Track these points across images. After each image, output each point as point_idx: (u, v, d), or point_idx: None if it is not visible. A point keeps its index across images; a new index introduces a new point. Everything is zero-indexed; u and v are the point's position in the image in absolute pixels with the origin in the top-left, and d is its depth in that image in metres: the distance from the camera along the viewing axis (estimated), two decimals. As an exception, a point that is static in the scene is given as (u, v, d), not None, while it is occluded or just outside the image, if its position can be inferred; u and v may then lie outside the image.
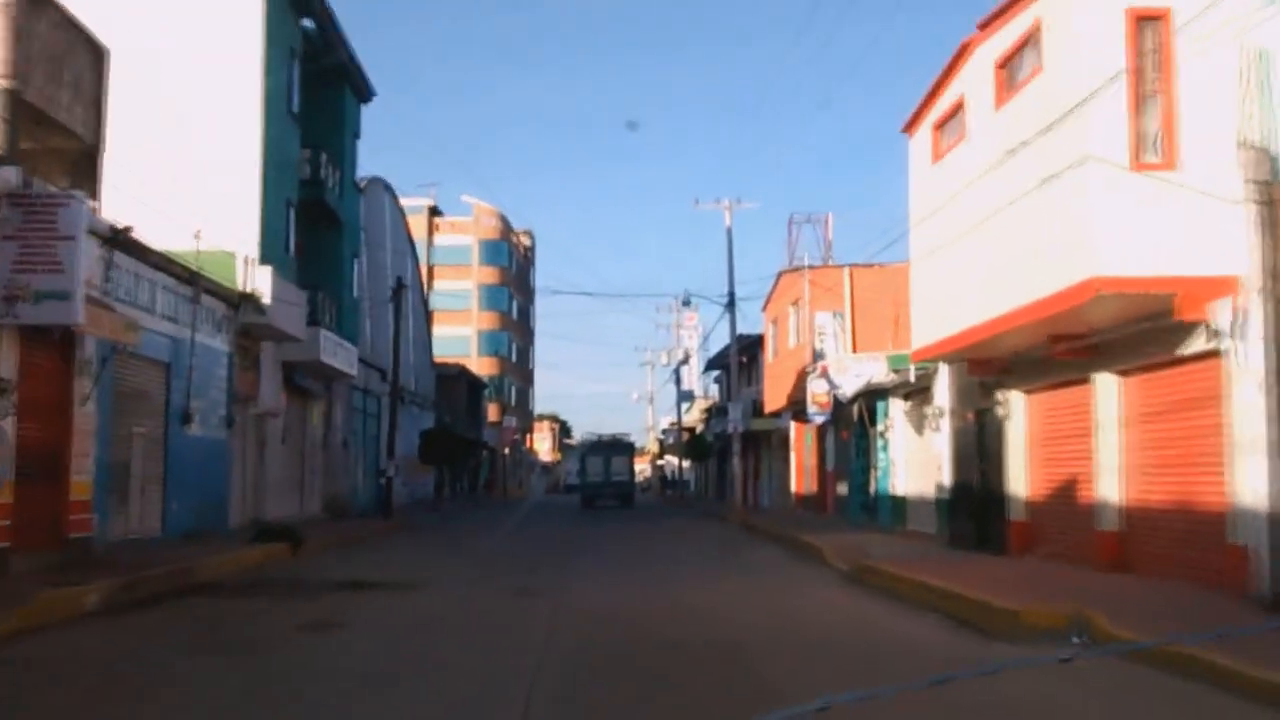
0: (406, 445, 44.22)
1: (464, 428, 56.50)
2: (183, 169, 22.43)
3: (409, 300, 47.93)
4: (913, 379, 19.20)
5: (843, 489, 27.73)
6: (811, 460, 31.73)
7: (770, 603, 12.40)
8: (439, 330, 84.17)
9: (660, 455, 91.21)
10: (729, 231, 37.38)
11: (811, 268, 28.43)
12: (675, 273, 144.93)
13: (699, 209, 37.73)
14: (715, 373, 55.93)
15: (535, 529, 29.98)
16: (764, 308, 35.89)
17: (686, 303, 38.75)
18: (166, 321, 18.88)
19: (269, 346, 25.68)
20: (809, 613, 11.62)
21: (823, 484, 29.97)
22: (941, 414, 19.24)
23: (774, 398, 34.50)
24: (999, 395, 16.87)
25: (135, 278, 17.50)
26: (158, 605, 12.03)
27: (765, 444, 42.81)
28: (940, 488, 19.26)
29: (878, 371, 20.12)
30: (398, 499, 44.05)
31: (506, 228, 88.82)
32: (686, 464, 65.09)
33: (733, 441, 36.80)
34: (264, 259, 22.86)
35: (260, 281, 22.37)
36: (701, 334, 62.42)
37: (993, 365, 16.52)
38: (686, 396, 59.87)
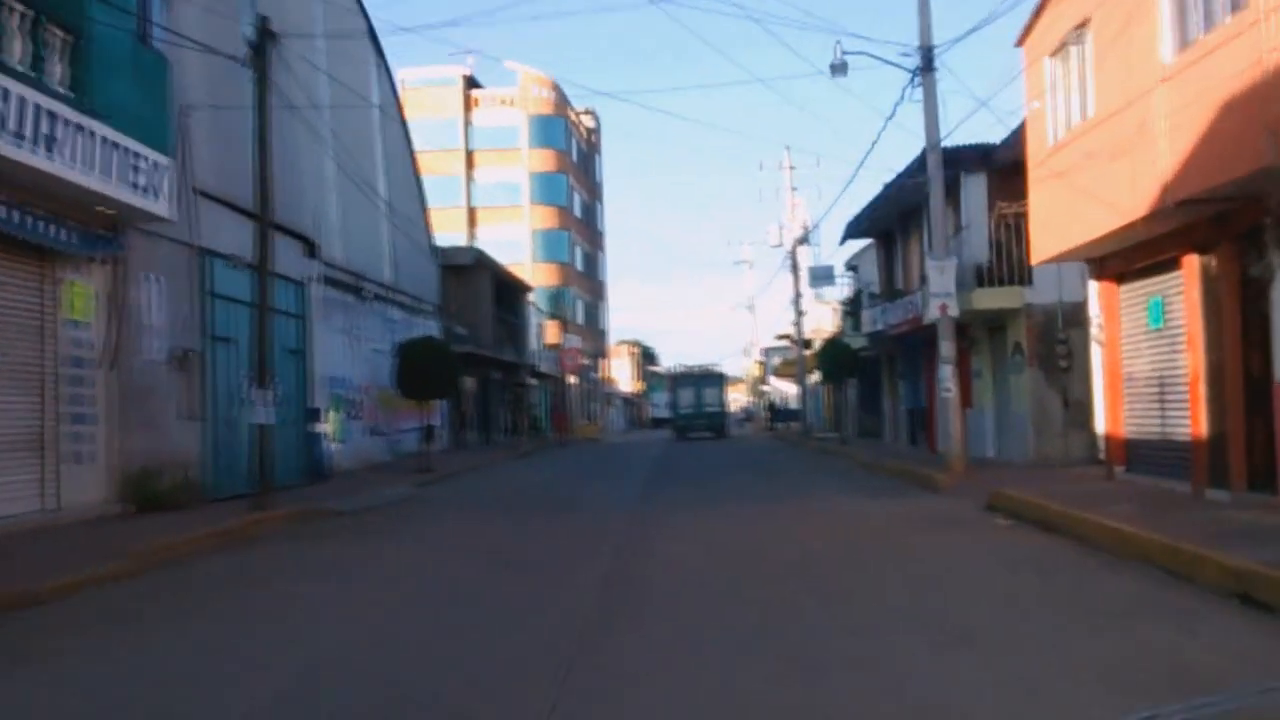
0: (378, 369, 27.76)
1: (489, 344, 39.68)
2: None
3: (377, 146, 30.95)
4: None
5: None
6: (1188, 360, 13.77)
7: None
8: (484, 233, 67.31)
9: (762, 380, 73.60)
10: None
11: None
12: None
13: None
14: (857, 248, 35.92)
15: (551, 529, 13.18)
16: (1021, 39, 17.23)
17: (838, 68, 20.27)
18: None
19: None
20: None
21: (1258, 415, 12.16)
22: None
23: (1067, 226, 16.34)
24: None
25: None
26: None
27: (991, 341, 23.33)
28: None
29: None
30: (369, 454, 27.53)
31: (563, 101, 70.82)
32: (799, 389, 46.51)
33: (939, 337, 19.37)
34: None
35: None
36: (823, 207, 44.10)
37: None
38: (823, 275, 38.93)
